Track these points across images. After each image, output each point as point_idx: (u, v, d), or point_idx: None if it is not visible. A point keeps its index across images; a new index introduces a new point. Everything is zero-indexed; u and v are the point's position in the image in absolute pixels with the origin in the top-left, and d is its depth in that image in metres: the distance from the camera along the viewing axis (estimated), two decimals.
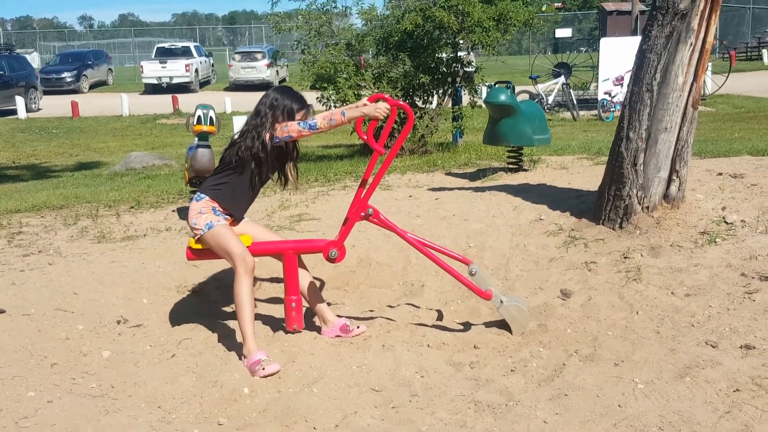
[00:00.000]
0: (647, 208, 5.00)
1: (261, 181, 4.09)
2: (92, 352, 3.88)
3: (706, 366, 3.43)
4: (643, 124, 4.90)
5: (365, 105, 3.90)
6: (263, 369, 3.71)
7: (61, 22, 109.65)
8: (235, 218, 4.07)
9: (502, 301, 4.08)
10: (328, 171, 8.45)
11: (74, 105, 22.62)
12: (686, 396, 3.21)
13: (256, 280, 4.43)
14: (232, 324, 4.36)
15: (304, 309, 4.17)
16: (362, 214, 4.10)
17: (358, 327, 4.25)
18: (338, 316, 4.32)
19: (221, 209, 3.98)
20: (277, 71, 29.48)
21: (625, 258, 4.65)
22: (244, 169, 3.96)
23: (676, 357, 3.55)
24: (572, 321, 4.10)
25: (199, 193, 4.03)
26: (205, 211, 3.95)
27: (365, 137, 4.16)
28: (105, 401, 3.36)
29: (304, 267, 4.24)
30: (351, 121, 3.92)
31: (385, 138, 4.12)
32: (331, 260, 4.09)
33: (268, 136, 3.90)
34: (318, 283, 4.99)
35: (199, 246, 4.00)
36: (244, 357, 3.81)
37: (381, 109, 3.86)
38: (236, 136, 4.01)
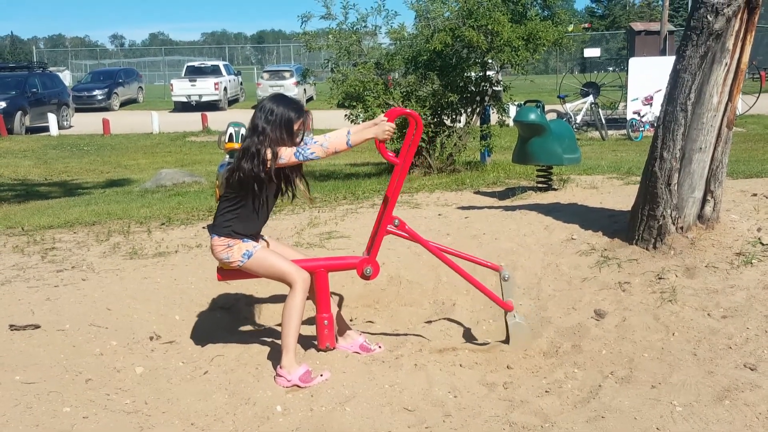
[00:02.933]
0: (681, 228, 4.94)
1: (269, 199, 3.96)
2: (126, 368, 3.90)
3: (745, 389, 3.37)
4: (677, 143, 4.85)
5: (371, 128, 3.79)
6: (321, 375, 3.79)
7: (93, 41, 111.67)
8: (257, 237, 4.05)
9: (515, 316, 4.24)
10: (356, 189, 8.47)
11: (105, 122, 22.93)
12: (726, 419, 3.16)
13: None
14: (263, 341, 4.37)
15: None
16: (389, 227, 4.11)
17: (379, 347, 4.25)
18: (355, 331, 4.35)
19: (245, 235, 3.93)
20: (304, 89, 29.70)
21: (659, 279, 4.60)
22: (248, 193, 3.84)
23: (714, 380, 3.50)
24: (607, 342, 4.05)
25: (213, 234, 3.96)
26: (232, 243, 3.89)
27: (384, 151, 4.10)
28: (139, 417, 3.37)
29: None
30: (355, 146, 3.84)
31: (412, 153, 4.11)
32: (366, 277, 4.09)
33: (269, 153, 3.75)
34: (346, 300, 4.99)
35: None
36: (281, 368, 3.81)
37: (388, 130, 3.78)
38: (238, 155, 3.87)
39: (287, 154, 3.77)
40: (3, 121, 22.13)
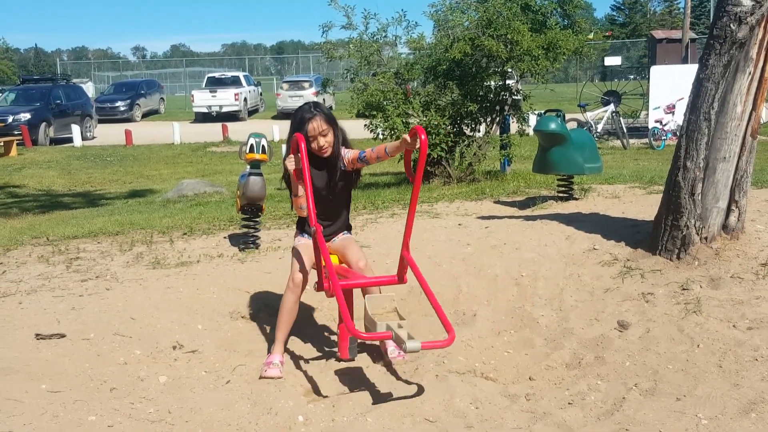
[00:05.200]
0: (706, 238, 4.90)
1: (318, 196, 4.09)
2: (149, 377, 3.93)
3: None
4: (701, 153, 4.82)
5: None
6: (266, 370, 4.00)
7: (115, 53, 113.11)
8: (313, 234, 4.16)
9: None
10: (376, 198, 8.47)
11: (128, 133, 23.18)
12: None
13: None
14: (285, 351, 4.37)
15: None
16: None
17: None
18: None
19: (302, 229, 4.33)
20: (323, 99, 29.79)
21: (683, 289, 4.56)
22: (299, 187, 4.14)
23: (740, 392, 3.45)
24: (631, 354, 4.02)
25: None
26: (296, 232, 4.39)
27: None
28: (162, 426, 3.39)
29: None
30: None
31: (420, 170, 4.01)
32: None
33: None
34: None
35: None
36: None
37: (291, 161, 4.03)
38: None
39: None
40: (28, 132, 22.43)
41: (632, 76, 28.66)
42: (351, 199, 4.48)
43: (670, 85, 16.48)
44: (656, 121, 16.98)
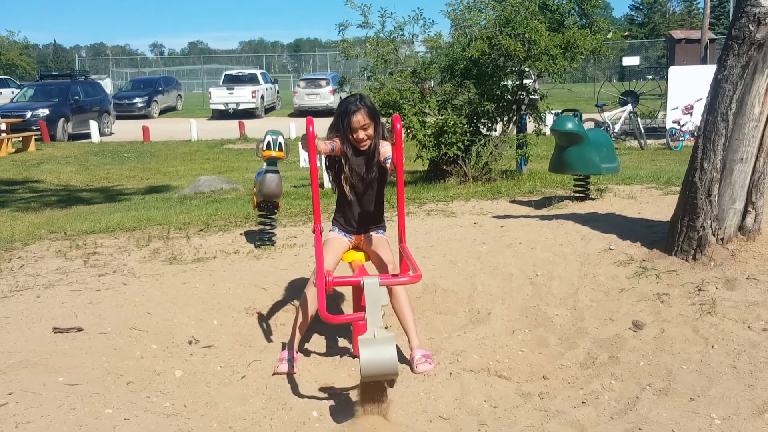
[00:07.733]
0: (722, 239, 4.88)
1: (353, 192, 4.22)
2: (165, 372, 3.97)
3: None
4: (718, 154, 4.80)
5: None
6: (278, 366, 4.04)
7: (133, 49, 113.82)
8: (348, 231, 4.32)
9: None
10: (391, 197, 8.48)
11: (145, 129, 23.29)
12: None
13: None
14: (300, 347, 4.40)
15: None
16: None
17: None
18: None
19: (334, 221, 4.35)
20: (340, 97, 29.82)
21: (699, 290, 4.54)
22: (338, 183, 4.25)
23: (754, 393, 3.44)
24: (645, 354, 4.01)
25: None
26: (330, 226, 4.38)
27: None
28: (178, 420, 3.43)
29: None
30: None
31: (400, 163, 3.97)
32: None
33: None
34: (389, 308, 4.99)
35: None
36: None
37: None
38: None
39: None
40: (46, 127, 22.58)
41: (650, 77, 28.46)
42: (384, 195, 4.39)
43: (689, 86, 16.39)
44: (674, 122, 16.89)
